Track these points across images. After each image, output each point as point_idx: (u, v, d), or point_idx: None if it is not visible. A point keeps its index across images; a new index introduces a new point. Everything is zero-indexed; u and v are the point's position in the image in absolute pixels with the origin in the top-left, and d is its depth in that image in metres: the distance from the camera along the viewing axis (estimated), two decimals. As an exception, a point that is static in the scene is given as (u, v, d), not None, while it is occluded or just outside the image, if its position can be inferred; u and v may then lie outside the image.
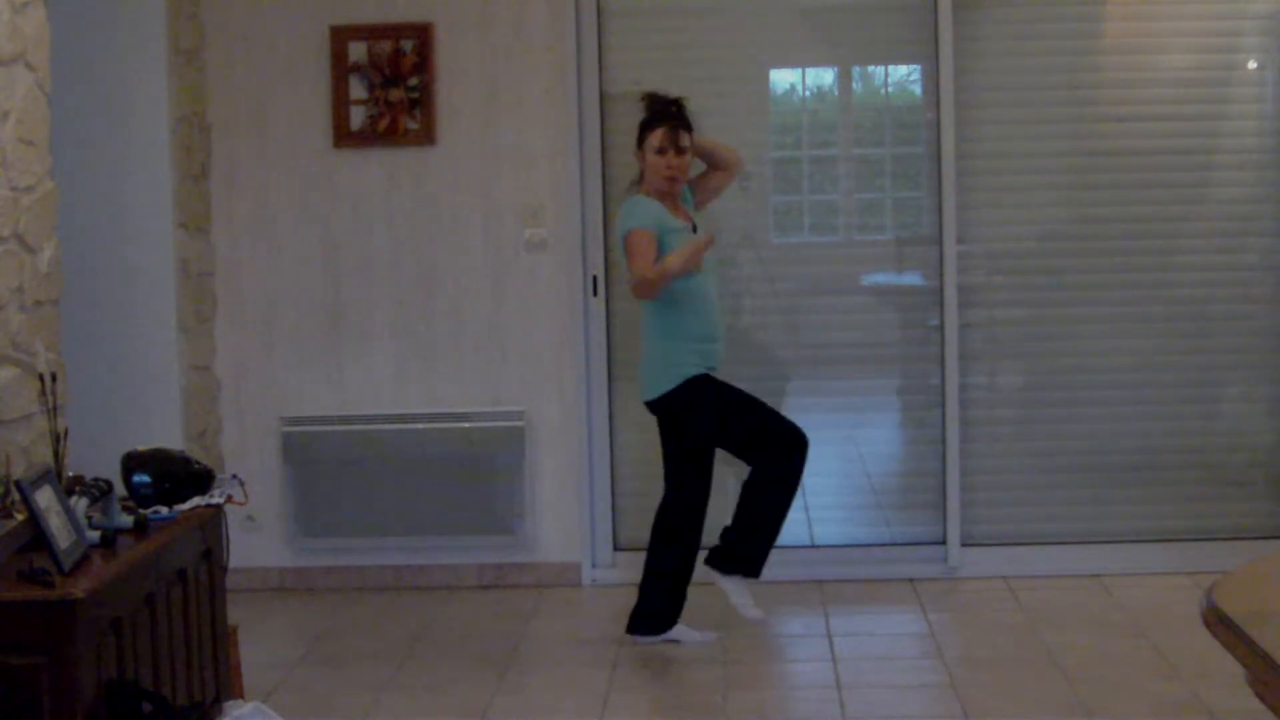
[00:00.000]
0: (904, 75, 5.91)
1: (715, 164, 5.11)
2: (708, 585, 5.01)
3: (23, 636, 3.08)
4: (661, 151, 4.85)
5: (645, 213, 4.81)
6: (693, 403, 4.86)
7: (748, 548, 4.91)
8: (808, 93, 5.96)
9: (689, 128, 4.90)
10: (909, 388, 5.85)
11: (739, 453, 4.97)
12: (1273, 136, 5.67)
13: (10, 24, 3.95)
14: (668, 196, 4.90)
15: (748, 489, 4.91)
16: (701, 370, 4.86)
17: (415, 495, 5.63)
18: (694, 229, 4.92)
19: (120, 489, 3.73)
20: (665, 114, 4.88)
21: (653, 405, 4.95)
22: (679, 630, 4.94)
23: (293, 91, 5.65)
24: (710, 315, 4.90)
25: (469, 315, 5.69)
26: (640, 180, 4.96)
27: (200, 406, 5.55)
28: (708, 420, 4.88)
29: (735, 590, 4.92)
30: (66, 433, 3.78)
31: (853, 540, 5.81)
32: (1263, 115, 5.69)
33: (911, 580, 5.62)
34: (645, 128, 4.91)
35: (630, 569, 5.68)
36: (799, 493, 4.97)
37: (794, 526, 5.81)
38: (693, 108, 5.01)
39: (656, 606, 4.95)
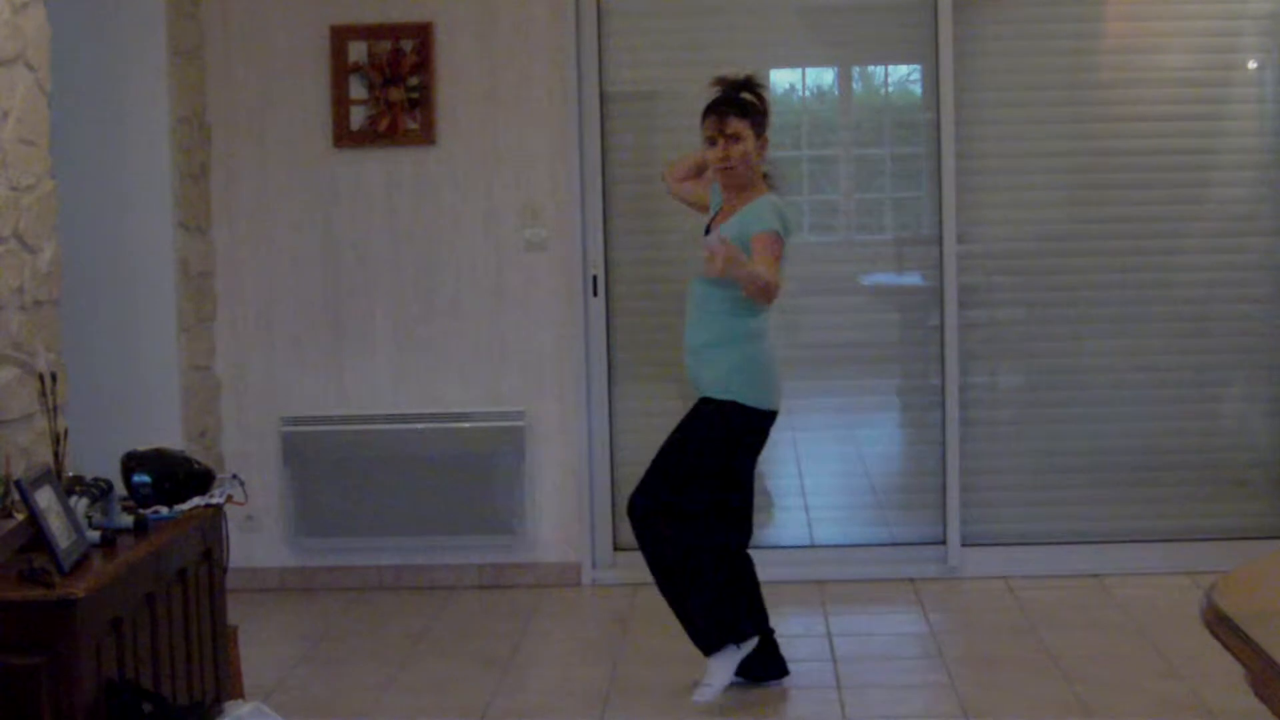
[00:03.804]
0: (904, 75, 5.91)
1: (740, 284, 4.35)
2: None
3: (23, 636, 3.08)
4: (712, 143, 4.43)
5: (774, 214, 4.37)
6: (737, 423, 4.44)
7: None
8: (808, 93, 5.96)
9: (747, 112, 4.41)
10: (909, 388, 5.85)
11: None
12: (1273, 136, 5.67)
13: (10, 24, 3.95)
14: (729, 190, 4.48)
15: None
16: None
17: (415, 495, 5.63)
18: (706, 230, 4.49)
19: (120, 489, 3.73)
20: (713, 104, 4.43)
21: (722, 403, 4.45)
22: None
23: (293, 91, 5.65)
24: (687, 326, 4.52)
25: (469, 315, 5.69)
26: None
27: (200, 406, 5.55)
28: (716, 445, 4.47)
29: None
30: (66, 433, 3.78)
31: (853, 540, 5.81)
32: (1263, 115, 5.69)
33: (911, 580, 5.62)
34: (701, 120, 4.48)
35: (630, 569, 5.69)
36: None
37: (794, 527, 5.83)
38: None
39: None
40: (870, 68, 5.93)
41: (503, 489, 5.66)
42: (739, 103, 4.43)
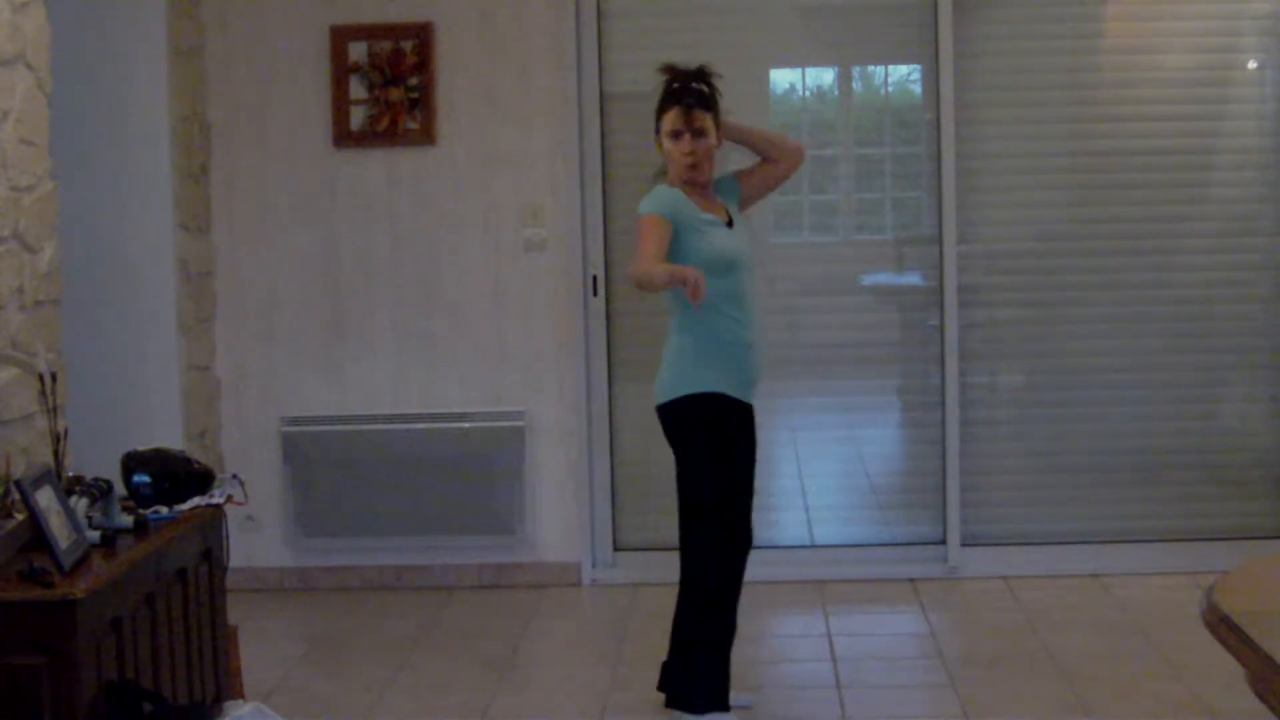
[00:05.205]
0: (904, 75, 5.91)
1: (763, 156, 4.42)
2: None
3: (23, 636, 3.08)
4: (676, 136, 4.19)
5: (658, 199, 4.18)
6: (698, 418, 4.21)
7: (678, 674, 4.25)
8: (808, 93, 5.96)
9: (710, 106, 4.22)
10: (909, 388, 5.85)
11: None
12: (1273, 136, 5.67)
13: (10, 24, 3.95)
14: (695, 187, 4.23)
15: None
16: (720, 389, 4.18)
17: (415, 495, 5.63)
18: (729, 224, 4.25)
19: (120, 489, 3.73)
20: (677, 94, 4.21)
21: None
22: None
23: (293, 91, 5.65)
24: (746, 320, 4.25)
25: (469, 315, 5.69)
26: (665, 172, 4.31)
27: (200, 406, 5.55)
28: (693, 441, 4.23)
29: None
30: (66, 433, 3.78)
31: (853, 540, 5.81)
32: (1263, 115, 5.69)
33: (911, 580, 5.62)
34: (659, 110, 4.25)
35: (630, 569, 5.70)
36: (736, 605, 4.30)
37: (794, 527, 5.83)
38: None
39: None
40: (870, 68, 5.93)
41: (503, 489, 5.66)
42: (701, 94, 4.23)
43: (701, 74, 4.26)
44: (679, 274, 3.91)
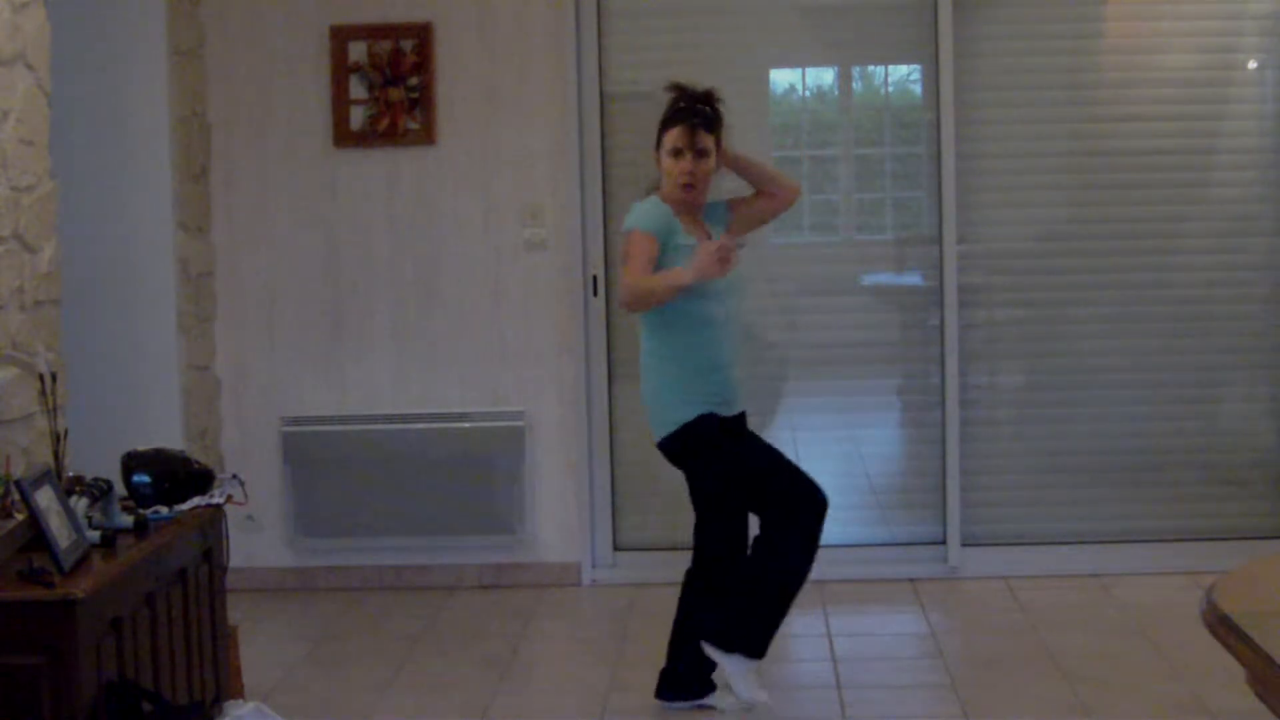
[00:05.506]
0: (904, 75, 5.91)
1: (761, 189, 4.43)
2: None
3: (23, 636, 3.08)
4: (677, 154, 4.20)
5: (650, 215, 4.19)
6: (699, 445, 4.27)
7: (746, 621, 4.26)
8: (808, 93, 5.96)
9: (713, 128, 4.23)
10: (909, 388, 5.85)
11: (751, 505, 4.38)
12: (1273, 136, 5.67)
13: (10, 24, 3.95)
14: (687, 207, 4.24)
15: (757, 547, 4.29)
16: (708, 409, 4.24)
17: (415, 495, 5.63)
18: None
19: (120, 489, 3.73)
20: (684, 113, 4.22)
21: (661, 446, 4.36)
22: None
23: (293, 91, 5.65)
24: (720, 343, 4.27)
25: (469, 315, 5.69)
26: (659, 186, 4.32)
27: (200, 406, 5.55)
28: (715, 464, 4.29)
29: (737, 672, 4.24)
30: (66, 433, 3.78)
31: (853, 540, 5.80)
32: (1263, 115, 5.69)
33: (911, 580, 5.62)
34: (663, 126, 4.26)
35: (630, 569, 5.69)
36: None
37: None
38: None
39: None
40: (870, 68, 5.93)
41: (503, 489, 5.66)
42: (707, 116, 4.23)
43: (710, 97, 4.28)
44: (708, 257, 3.95)
